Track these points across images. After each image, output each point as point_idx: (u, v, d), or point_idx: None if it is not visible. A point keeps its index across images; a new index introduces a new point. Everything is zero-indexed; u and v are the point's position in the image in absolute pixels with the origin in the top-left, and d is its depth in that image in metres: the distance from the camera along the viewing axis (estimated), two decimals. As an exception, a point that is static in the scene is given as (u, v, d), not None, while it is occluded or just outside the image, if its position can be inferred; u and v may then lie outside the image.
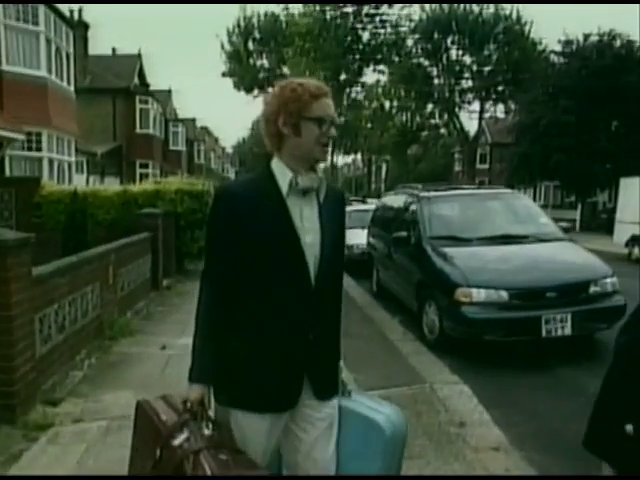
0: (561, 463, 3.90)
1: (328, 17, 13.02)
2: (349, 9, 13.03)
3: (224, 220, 1.91)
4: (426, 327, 6.95)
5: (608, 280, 6.46)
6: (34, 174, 14.74)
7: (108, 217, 10.95)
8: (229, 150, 78.97)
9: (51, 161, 15.63)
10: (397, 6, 12.09)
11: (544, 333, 5.99)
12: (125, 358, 5.88)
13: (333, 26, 12.88)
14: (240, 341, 1.94)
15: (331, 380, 2.09)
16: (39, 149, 15.26)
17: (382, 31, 28.43)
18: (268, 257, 1.90)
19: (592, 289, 6.37)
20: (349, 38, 23.53)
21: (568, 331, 6.03)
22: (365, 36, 27.66)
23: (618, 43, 26.46)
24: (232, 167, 75.71)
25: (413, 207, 8.13)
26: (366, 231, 11.01)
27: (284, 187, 1.94)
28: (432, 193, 8.37)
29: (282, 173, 1.96)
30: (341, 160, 62.24)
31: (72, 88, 17.26)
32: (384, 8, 12.81)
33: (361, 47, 27.71)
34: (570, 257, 6.97)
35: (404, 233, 7.86)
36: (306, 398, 1.99)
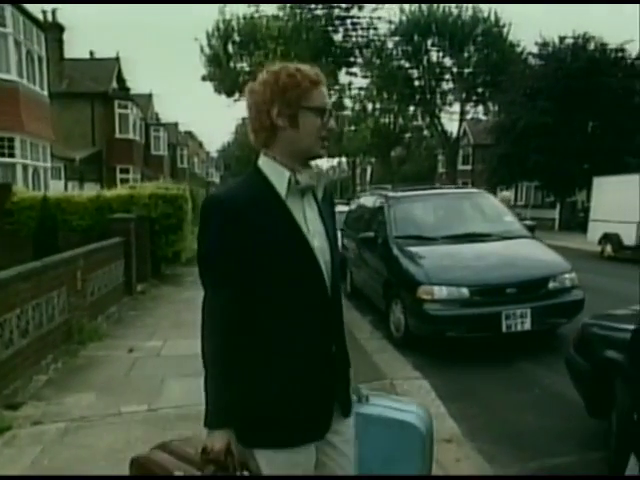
0: (508, 452, 4.04)
1: (299, 20, 13.07)
2: (320, 12, 13.10)
3: (222, 238, 1.67)
4: (393, 325, 7.07)
5: (567, 276, 6.62)
6: (7, 180, 14.61)
7: (82, 223, 10.93)
8: (214, 154, 78.84)
9: (25, 167, 15.49)
10: (368, 9, 12.25)
11: (504, 329, 6.14)
12: (91, 362, 5.93)
13: (305, 29, 12.94)
14: (262, 371, 1.70)
15: (349, 391, 1.92)
16: (12, 155, 15.00)
17: (354, 34, 28.64)
18: (280, 270, 1.69)
19: (551, 285, 6.52)
20: (321, 41, 23.54)
21: (528, 326, 6.18)
22: (337, 39, 27.79)
23: (592, 46, 26.80)
24: (217, 171, 75.53)
25: (381, 208, 8.26)
26: None
27: (281, 188, 1.73)
28: (399, 194, 8.51)
29: (276, 172, 1.75)
30: (326, 163, 62.36)
31: (46, 92, 17.07)
32: (354, 11, 12.93)
33: (333, 50, 27.69)
34: (531, 254, 7.12)
35: (371, 233, 8.00)
36: (334, 417, 1.82)
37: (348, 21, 13.52)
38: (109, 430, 4.13)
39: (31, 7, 15.75)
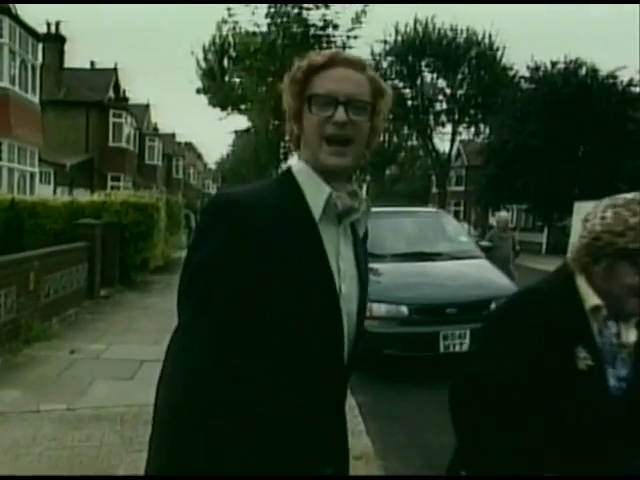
0: (414, 471, 4.11)
1: (275, 36, 13.37)
2: (296, 30, 13.38)
3: (225, 254, 1.25)
4: (338, 341, 7.16)
5: (511, 298, 6.72)
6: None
7: (55, 227, 11.09)
8: (212, 166, 79.35)
9: (11, 170, 15.80)
10: (343, 28, 12.55)
11: (442, 349, 6.14)
12: (30, 360, 6.06)
13: (281, 46, 13.25)
14: (249, 447, 1.28)
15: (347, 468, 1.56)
16: None
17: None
18: (290, 315, 1.27)
19: (493, 307, 6.60)
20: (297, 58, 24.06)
21: (466, 347, 6.15)
22: None
23: (584, 71, 27.11)
24: (214, 183, 75.96)
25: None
26: None
27: (316, 207, 1.33)
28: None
29: (313, 185, 1.35)
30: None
31: (37, 100, 17.47)
32: (329, 30, 13.19)
33: None
34: (477, 275, 7.21)
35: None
36: None
37: (323, 39, 13.78)
38: (21, 426, 4.26)
39: (36, 18, 16.35)
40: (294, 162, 1.44)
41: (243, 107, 23.32)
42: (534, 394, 1.55)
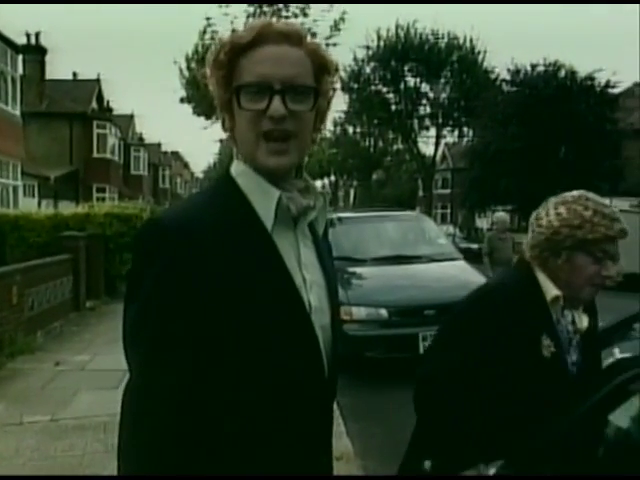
0: (392, 470, 4.21)
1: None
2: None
3: (172, 287, 1.07)
4: (321, 344, 7.26)
5: (488, 299, 6.87)
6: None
7: (39, 240, 11.13)
8: (200, 175, 79.31)
9: (-8, 184, 15.78)
10: (322, 35, 12.68)
11: (422, 350, 6.20)
12: (14, 374, 6.11)
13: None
14: None
15: None
16: None
17: None
18: (257, 343, 1.11)
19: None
20: None
21: (445, 348, 6.37)
22: None
23: (562, 73, 27.48)
24: (201, 191, 75.67)
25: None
26: None
27: (266, 215, 1.15)
28: (334, 215, 8.77)
29: (259, 189, 1.17)
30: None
31: (18, 112, 17.46)
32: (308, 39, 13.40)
33: None
34: (455, 276, 7.34)
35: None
36: None
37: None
38: (4, 438, 4.33)
39: (16, 29, 16.31)
40: (234, 166, 1.22)
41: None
42: (500, 381, 1.69)
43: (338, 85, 1.28)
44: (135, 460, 1.08)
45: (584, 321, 1.74)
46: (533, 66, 28.02)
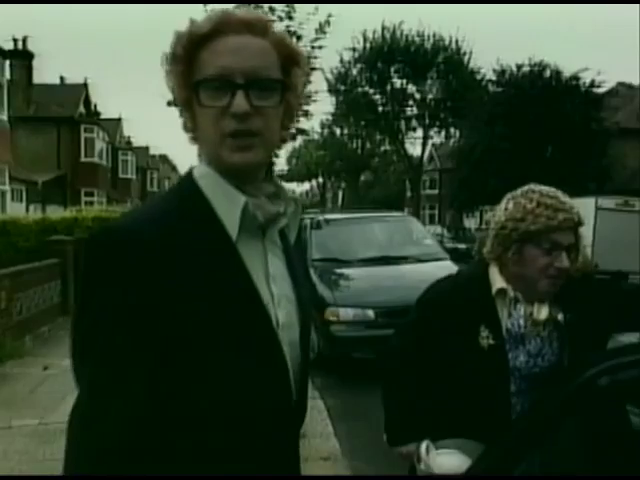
0: (378, 470, 4.27)
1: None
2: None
3: (124, 306, 0.99)
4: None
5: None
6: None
7: (27, 244, 11.10)
8: (188, 177, 79.00)
9: (-20, 189, 15.75)
10: (307, 39, 12.68)
11: None
12: (3, 378, 6.18)
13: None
14: None
15: None
16: None
17: None
18: (223, 365, 1.04)
19: None
20: None
21: (432, 347, 6.46)
22: None
23: (548, 73, 27.65)
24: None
25: (304, 230, 8.59)
26: None
27: (231, 224, 1.07)
28: (321, 216, 8.86)
29: (223, 195, 1.08)
30: (297, 188, 63.06)
31: (5, 117, 17.46)
32: (293, 41, 13.38)
33: None
34: (441, 276, 7.44)
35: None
36: None
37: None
38: (-7, 442, 4.36)
39: (2, 34, 16.32)
40: (197, 169, 1.13)
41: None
42: (441, 366, 1.80)
43: (324, 87, 1.14)
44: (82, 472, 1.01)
45: (542, 313, 1.74)
46: (519, 66, 28.09)
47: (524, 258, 1.71)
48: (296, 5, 12.71)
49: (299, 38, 15.49)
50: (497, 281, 1.76)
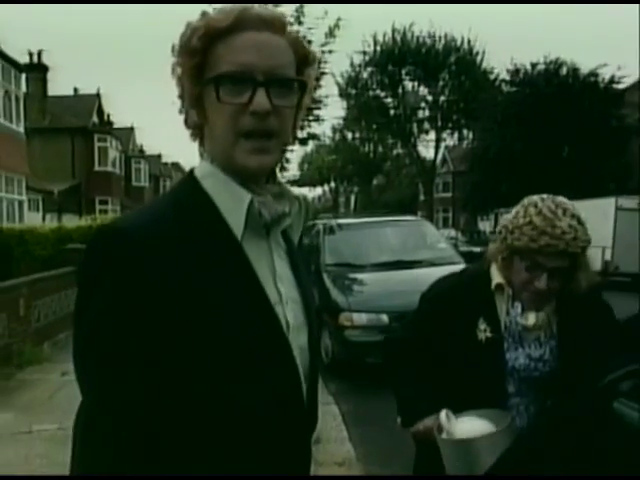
0: (393, 473, 4.29)
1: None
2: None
3: (128, 308, 0.97)
4: (324, 351, 7.34)
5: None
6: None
7: (44, 253, 11.28)
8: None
9: (-1, 200, 16.05)
10: (317, 43, 12.63)
11: None
12: (22, 384, 6.24)
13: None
14: None
15: None
16: None
17: None
18: (231, 370, 1.01)
19: None
20: None
21: (447, 352, 6.44)
22: None
23: (564, 71, 27.13)
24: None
25: (317, 235, 8.61)
26: None
27: (236, 222, 1.04)
28: (335, 221, 8.86)
29: (227, 193, 1.06)
30: (309, 193, 63.18)
31: (22, 129, 17.75)
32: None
33: None
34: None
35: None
36: None
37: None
38: (14, 446, 4.44)
39: (18, 47, 16.68)
40: (198, 164, 1.12)
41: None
42: (443, 360, 1.82)
43: (335, 91, 1.14)
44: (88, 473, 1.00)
45: (530, 319, 1.74)
46: (533, 65, 27.48)
47: (511, 267, 1.73)
48: (305, 9, 12.80)
49: (309, 43, 15.43)
50: (496, 277, 1.79)
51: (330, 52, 15.51)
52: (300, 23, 15.13)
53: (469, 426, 1.65)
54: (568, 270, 1.66)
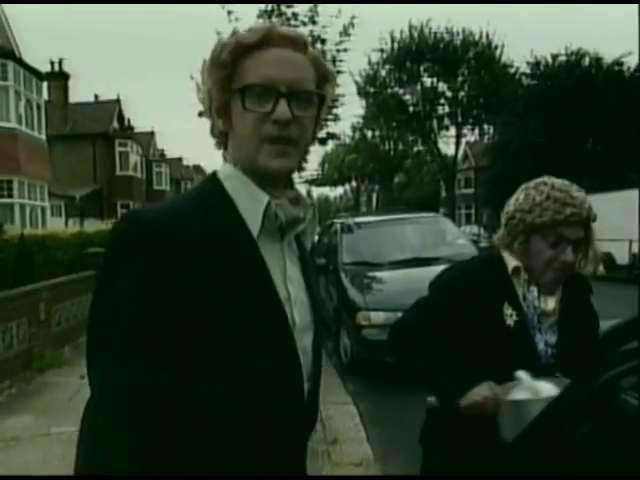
0: (411, 473, 4.23)
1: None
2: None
3: (147, 291, 1.01)
4: (342, 351, 7.29)
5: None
6: (5, 220, 15.33)
7: (65, 257, 11.40)
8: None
9: (22, 207, 16.34)
10: (332, 42, 12.59)
11: None
12: (42, 387, 6.30)
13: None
14: None
15: None
16: (10, 196, 16.06)
17: None
18: (237, 362, 1.06)
19: None
20: None
21: (465, 349, 6.36)
22: None
23: (587, 62, 26.68)
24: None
25: (335, 234, 8.57)
26: None
27: (253, 221, 1.11)
28: (352, 220, 8.80)
29: (247, 193, 1.13)
30: (330, 192, 63.08)
31: (44, 136, 18.07)
32: (318, 45, 13.19)
33: None
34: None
35: (323, 260, 8.25)
36: None
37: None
38: (33, 449, 4.47)
39: (41, 57, 17.08)
40: (221, 166, 1.19)
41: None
42: (464, 349, 1.71)
43: (354, 90, 1.30)
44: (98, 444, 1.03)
45: (549, 303, 1.74)
46: (554, 56, 27.08)
47: (530, 249, 1.72)
48: (319, 9, 12.75)
49: (323, 42, 15.50)
50: (511, 260, 1.77)
51: (345, 51, 15.45)
52: (314, 23, 15.11)
53: (551, 386, 1.59)
54: (585, 242, 1.71)
